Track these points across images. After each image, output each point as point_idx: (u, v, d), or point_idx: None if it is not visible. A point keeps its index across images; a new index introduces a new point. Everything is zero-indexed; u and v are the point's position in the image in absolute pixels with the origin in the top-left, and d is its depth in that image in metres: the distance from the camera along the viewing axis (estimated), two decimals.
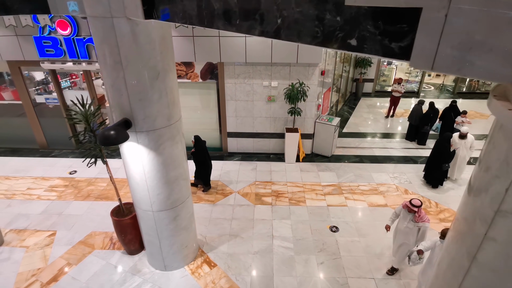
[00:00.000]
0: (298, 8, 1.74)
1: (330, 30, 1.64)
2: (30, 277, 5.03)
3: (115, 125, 3.62)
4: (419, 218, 4.61)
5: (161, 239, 4.76)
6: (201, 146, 6.72)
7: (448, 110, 8.90)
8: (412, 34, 1.33)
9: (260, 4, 1.94)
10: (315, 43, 1.75)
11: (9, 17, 6.86)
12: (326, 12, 1.62)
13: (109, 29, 3.29)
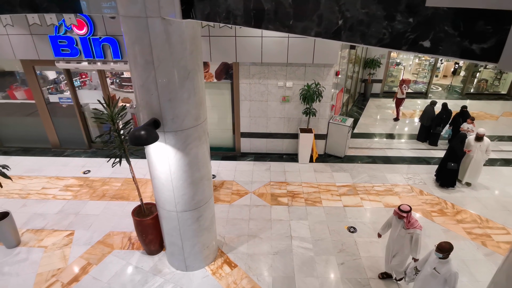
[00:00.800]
0: (364, 9, 1.73)
1: (400, 32, 1.64)
2: (50, 277, 5.01)
3: (145, 125, 3.61)
4: (409, 225, 4.43)
5: (183, 240, 4.75)
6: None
7: (458, 116, 8.83)
8: (498, 36, 1.32)
9: (320, 5, 1.93)
10: (380, 44, 1.74)
11: (33, 15, 6.84)
12: (397, 13, 1.62)
13: (143, 29, 3.29)
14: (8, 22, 6.95)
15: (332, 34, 1.94)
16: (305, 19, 2.05)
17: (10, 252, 5.48)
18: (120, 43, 7.05)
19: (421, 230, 4.44)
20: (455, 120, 8.83)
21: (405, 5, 1.57)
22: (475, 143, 7.05)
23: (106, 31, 6.97)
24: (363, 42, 1.81)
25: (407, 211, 4.42)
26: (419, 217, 6.39)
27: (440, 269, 3.88)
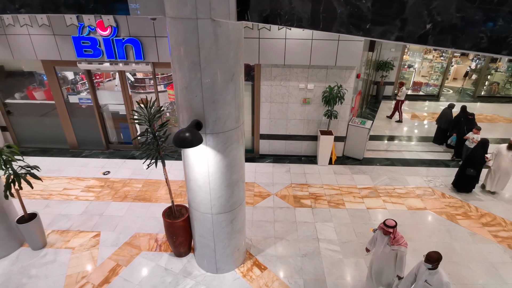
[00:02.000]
0: (459, 13, 1.73)
1: (501, 36, 1.63)
2: (80, 279, 4.99)
3: (190, 127, 3.60)
4: (394, 241, 4.18)
5: (216, 242, 4.74)
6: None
7: (463, 124, 8.47)
8: None
9: (405, 9, 1.93)
10: (475, 48, 1.74)
11: (71, 16, 6.82)
12: (499, 18, 1.61)
13: (192, 31, 3.28)
14: (26, 22, 6.93)
15: (417, 38, 1.93)
16: (385, 23, 2.04)
17: (36, 253, 5.45)
18: (143, 44, 7.05)
19: (406, 247, 4.20)
20: (460, 127, 8.49)
21: (507, 11, 1.56)
22: (507, 152, 6.80)
23: (130, 32, 6.96)
24: (454, 46, 1.80)
25: (392, 226, 4.17)
26: (443, 220, 6.38)
27: (431, 281, 3.76)
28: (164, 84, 13.02)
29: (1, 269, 5.12)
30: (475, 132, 7.82)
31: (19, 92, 8.41)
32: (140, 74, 11.93)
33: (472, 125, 8.17)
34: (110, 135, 8.85)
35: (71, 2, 3.50)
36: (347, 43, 6.92)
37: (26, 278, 5.00)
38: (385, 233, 4.24)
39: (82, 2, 3.50)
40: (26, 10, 3.58)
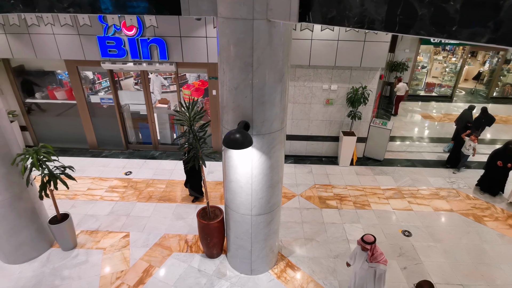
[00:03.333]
0: None
1: None
2: (115, 280, 4.97)
3: (240, 128, 3.58)
4: (372, 258, 3.96)
5: (253, 243, 4.72)
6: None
7: (462, 130, 8.23)
8: None
9: (500, 11, 1.91)
10: None
11: (83, 16, 6.80)
12: None
13: (247, 31, 3.26)
14: (50, 22, 6.90)
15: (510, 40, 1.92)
16: (475, 25, 2.03)
17: (67, 254, 5.42)
18: (168, 44, 7.03)
19: (386, 265, 3.98)
20: (458, 135, 8.27)
21: None
22: None
23: (155, 32, 6.94)
24: None
25: (370, 242, 3.92)
26: (471, 221, 6.38)
27: None
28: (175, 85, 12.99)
29: (32, 271, 5.10)
30: (473, 139, 7.60)
31: (39, 92, 8.38)
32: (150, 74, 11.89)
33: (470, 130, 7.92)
34: (130, 135, 8.82)
35: (121, 2, 3.48)
36: (373, 44, 6.91)
37: (59, 279, 4.97)
38: (362, 249, 3.99)
39: (133, 3, 3.48)
40: (74, 9, 3.55)
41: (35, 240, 5.24)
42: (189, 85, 10.54)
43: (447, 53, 16.26)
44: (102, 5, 3.51)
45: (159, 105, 8.63)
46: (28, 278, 4.96)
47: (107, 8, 3.54)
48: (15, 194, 4.75)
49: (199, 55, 7.11)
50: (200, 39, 6.94)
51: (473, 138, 7.57)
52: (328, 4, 2.76)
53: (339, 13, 2.71)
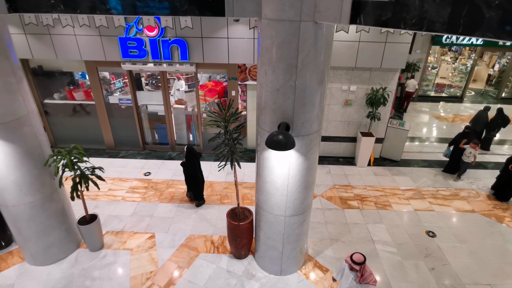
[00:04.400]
0: None
1: None
2: (145, 280, 4.97)
3: (283, 130, 3.59)
4: (362, 279, 3.79)
5: (285, 244, 4.73)
6: (193, 159, 6.25)
7: (460, 136, 7.82)
8: None
9: None
10: None
11: (100, 17, 6.81)
12: None
13: (294, 33, 3.27)
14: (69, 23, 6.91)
15: None
16: None
17: (95, 255, 5.42)
18: (189, 45, 7.03)
19: (375, 286, 3.82)
20: (456, 141, 7.85)
21: None
22: None
23: (176, 33, 6.94)
24: None
25: (360, 262, 3.72)
26: (493, 222, 6.40)
27: None
28: (188, 85, 13.01)
29: (61, 272, 5.09)
30: (473, 146, 7.29)
31: (57, 92, 8.37)
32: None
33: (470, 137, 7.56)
34: (146, 136, 8.82)
35: (165, 3, 3.48)
36: (394, 45, 6.93)
37: (90, 280, 4.97)
38: (351, 268, 3.82)
39: (176, 4, 3.48)
40: (117, 11, 3.56)
41: (64, 241, 5.24)
42: (202, 86, 10.55)
43: (453, 54, 16.32)
44: (146, 8, 3.52)
45: (176, 106, 8.63)
46: (58, 280, 4.96)
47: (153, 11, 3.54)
48: (46, 195, 4.74)
49: (220, 56, 7.12)
50: (222, 40, 6.95)
51: (473, 146, 7.31)
52: (383, 6, 2.77)
53: (395, 15, 2.72)
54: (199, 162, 6.41)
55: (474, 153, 7.32)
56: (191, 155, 6.23)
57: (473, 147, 7.30)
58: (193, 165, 6.30)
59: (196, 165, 6.32)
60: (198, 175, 6.45)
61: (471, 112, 12.50)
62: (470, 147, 7.34)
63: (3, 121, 4.04)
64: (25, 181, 4.44)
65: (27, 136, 4.35)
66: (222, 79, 12.54)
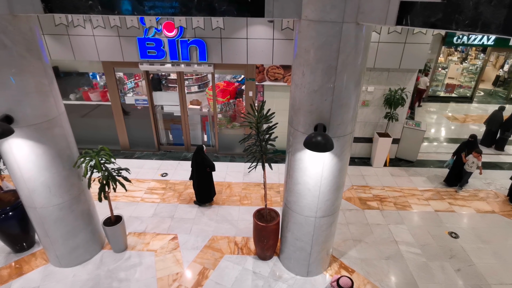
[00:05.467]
0: None
1: None
2: (172, 282, 4.95)
3: (322, 131, 3.57)
4: None
5: (313, 245, 4.71)
6: (195, 159, 6.20)
7: (463, 146, 7.41)
8: None
9: None
10: None
11: (114, 17, 6.79)
12: None
13: (335, 34, 3.26)
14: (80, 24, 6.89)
15: None
16: None
17: (119, 256, 5.40)
18: (208, 45, 7.01)
19: None
20: (459, 150, 7.43)
21: None
22: None
23: (195, 34, 6.93)
24: None
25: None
26: None
27: None
28: (198, 85, 13.01)
29: (87, 274, 5.07)
30: (475, 156, 6.94)
31: (73, 93, 8.34)
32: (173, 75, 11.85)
33: (473, 147, 7.16)
34: (161, 136, 8.80)
35: (203, 4, 3.47)
36: (413, 46, 6.93)
37: (116, 282, 4.95)
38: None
39: (214, 5, 3.47)
40: (155, 12, 3.54)
41: (89, 242, 5.22)
42: None
43: (460, 54, 16.35)
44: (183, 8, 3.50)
45: (191, 106, 8.61)
46: (84, 281, 4.94)
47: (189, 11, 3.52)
48: (74, 197, 4.73)
49: (239, 57, 7.11)
50: (241, 41, 6.94)
51: (475, 155, 6.92)
52: (433, 7, 2.76)
53: (446, 17, 2.71)
54: (199, 164, 6.21)
55: (477, 163, 6.98)
56: (196, 154, 6.22)
57: (475, 156, 6.94)
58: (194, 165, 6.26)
59: (194, 166, 6.25)
60: (197, 177, 6.33)
61: (479, 112, 12.52)
62: (473, 157, 6.99)
63: (35, 122, 4.02)
64: (54, 183, 4.43)
65: (57, 137, 4.33)
66: (233, 79, 12.56)
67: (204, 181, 6.37)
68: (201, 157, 6.17)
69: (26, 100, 3.88)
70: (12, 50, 3.62)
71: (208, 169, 6.24)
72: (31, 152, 4.11)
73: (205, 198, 6.57)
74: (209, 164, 6.26)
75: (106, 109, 8.33)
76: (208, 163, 6.25)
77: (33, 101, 3.94)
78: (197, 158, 6.19)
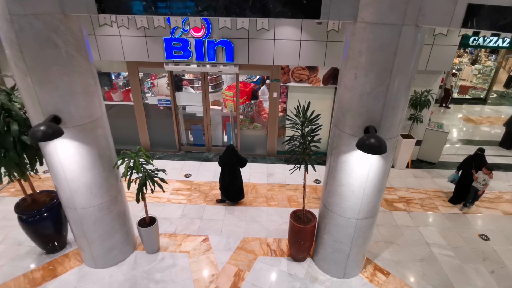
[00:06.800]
0: None
1: None
2: (209, 283, 4.93)
3: (375, 134, 3.56)
4: None
5: (352, 247, 4.70)
6: (230, 160, 6.24)
7: (470, 160, 6.77)
8: None
9: None
10: None
11: (141, 18, 6.77)
12: None
13: (394, 37, 3.25)
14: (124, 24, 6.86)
15: None
16: None
17: (153, 257, 5.38)
18: (234, 46, 7.00)
19: None
20: (465, 164, 6.84)
21: None
22: None
23: (222, 34, 6.91)
24: None
25: None
26: None
27: None
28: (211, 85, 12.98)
29: (123, 275, 5.05)
30: (486, 172, 6.28)
31: None
32: (189, 75, 11.82)
33: (482, 162, 6.52)
34: (182, 137, 8.78)
35: (258, 6, 3.46)
36: (440, 48, 6.93)
37: (153, 283, 4.93)
38: None
39: (269, 6, 3.45)
40: (208, 13, 3.53)
41: (124, 243, 5.20)
42: (230, 87, 10.53)
43: (470, 56, 16.38)
44: (237, 9, 3.49)
45: (212, 107, 8.59)
46: (121, 282, 4.92)
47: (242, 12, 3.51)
48: (112, 197, 4.71)
49: (265, 58, 7.09)
50: (268, 41, 6.93)
51: (486, 172, 6.28)
52: (503, 10, 2.76)
53: None
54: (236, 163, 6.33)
55: (488, 180, 6.31)
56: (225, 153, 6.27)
57: (486, 173, 6.28)
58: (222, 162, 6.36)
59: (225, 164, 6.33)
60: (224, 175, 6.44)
61: (495, 114, 12.54)
62: (483, 173, 6.33)
63: (81, 123, 4.00)
64: (95, 183, 4.41)
65: (100, 138, 4.32)
66: (248, 79, 12.55)
67: (239, 179, 6.43)
68: (236, 157, 6.24)
69: (74, 100, 3.86)
70: (63, 50, 3.60)
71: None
72: (76, 153, 4.09)
73: (238, 196, 6.60)
74: (244, 161, 6.35)
75: (127, 109, 8.30)
76: (244, 160, 6.34)
77: (80, 102, 3.92)
78: (232, 158, 6.20)
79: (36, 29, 3.36)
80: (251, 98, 10.85)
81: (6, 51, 3.55)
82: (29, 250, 5.48)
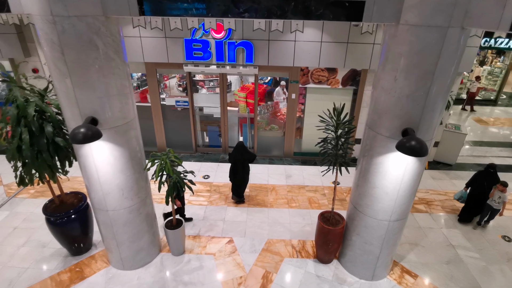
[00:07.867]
0: None
1: None
2: (237, 285, 4.92)
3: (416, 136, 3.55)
4: None
5: (383, 249, 4.70)
6: (242, 157, 6.32)
7: (480, 176, 6.34)
8: None
9: None
10: None
11: (157, 19, 6.76)
12: None
13: (438, 39, 3.24)
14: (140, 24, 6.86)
15: None
16: None
17: (179, 259, 5.37)
18: (255, 47, 6.99)
19: None
20: (475, 180, 6.36)
21: None
22: None
23: (243, 35, 6.91)
24: None
25: None
26: None
27: None
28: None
29: (151, 276, 5.04)
30: (501, 189, 5.88)
31: None
32: (200, 76, 11.80)
33: (494, 179, 6.12)
34: (198, 138, 8.77)
35: (300, 8, 3.45)
36: None
37: (181, 285, 4.92)
38: None
39: (310, 8, 3.45)
40: (250, 14, 3.52)
41: (151, 245, 5.19)
42: (243, 88, 10.51)
43: (477, 57, 16.39)
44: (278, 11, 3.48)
45: (228, 108, 8.58)
46: (149, 284, 4.90)
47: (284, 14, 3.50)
48: (142, 199, 4.69)
49: (285, 59, 7.09)
50: (288, 43, 6.93)
51: (501, 189, 5.87)
52: None
53: None
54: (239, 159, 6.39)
55: (504, 197, 5.89)
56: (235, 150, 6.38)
57: (501, 190, 5.88)
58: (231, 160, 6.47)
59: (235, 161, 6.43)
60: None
61: (506, 115, 12.55)
62: (498, 190, 5.94)
63: (116, 124, 3.99)
64: (127, 185, 4.39)
65: (132, 140, 4.30)
66: (260, 81, 12.53)
67: (246, 175, 6.53)
68: (247, 153, 6.33)
69: (110, 102, 3.85)
70: (102, 51, 3.60)
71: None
72: (110, 155, 4.08)
73: (242, 191, 6.72)
74: (254, 156, 6.47)
75: (144, 110, 8.28)
76: (254, 156, 6.46)
77: (116, 104, 3.91)
78: (244, 154, 6.27)
79: (78, 30, 3.35)
80: (264, 99, 10.84)
81: (45, 52, 3.54)
82: (54, 252, 5.47)
